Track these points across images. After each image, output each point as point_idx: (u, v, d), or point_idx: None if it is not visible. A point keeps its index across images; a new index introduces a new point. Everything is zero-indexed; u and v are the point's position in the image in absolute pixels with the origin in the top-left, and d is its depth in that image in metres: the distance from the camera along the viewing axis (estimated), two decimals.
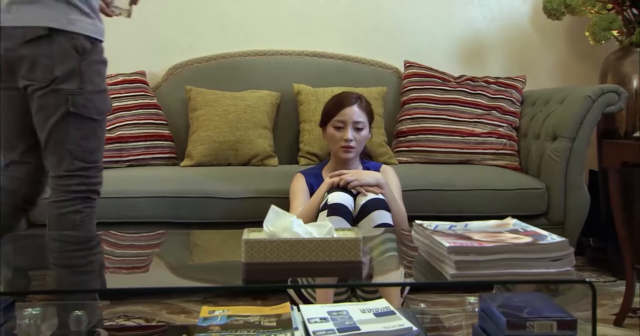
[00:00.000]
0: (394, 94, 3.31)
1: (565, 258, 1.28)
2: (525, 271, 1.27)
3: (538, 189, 2.72)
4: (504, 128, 3.09)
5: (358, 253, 1.29)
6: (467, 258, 1.26)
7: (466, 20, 3.58)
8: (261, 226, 2.46)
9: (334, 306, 1.76)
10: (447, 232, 1.41)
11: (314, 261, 1.28)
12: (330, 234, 1.35)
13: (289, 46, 3.42)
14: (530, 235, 1.35)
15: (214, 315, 1.69)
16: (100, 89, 1.94)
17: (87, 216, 2.00)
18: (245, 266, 1.28)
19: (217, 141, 2.98)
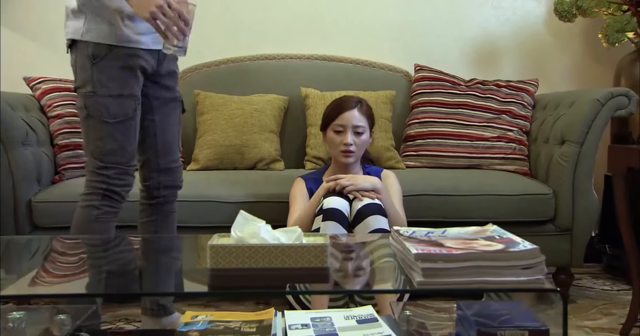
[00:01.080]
0: (403, 98, 3.29)
1: (536, 266, 1.25)
2: (494, 280, 1.24)
3: (545, 195, 2.67)
4: (514, 132, 3.04)
5: (325, 260, 1.27)
6: (435, 266, 1.24)
7: (479, 22, 3.53)
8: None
9: (319, 313, 1.75)
10: (421, 239, 1.39)
11: (280, 268, 1.27)
12: (299, 240, 1.33)
13: (299, 50, 3.41)
14: (504, 242, 1.32)
15: (196, 320, 1.69)
16: (114, 94, 1.97)
17: (104, 214, 2.04)
18: (210, 272, 1.27)
19: (223, 145, 2.99)
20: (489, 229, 1.46)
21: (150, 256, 1.82)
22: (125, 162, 2.02)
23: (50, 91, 2.96)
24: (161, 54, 2.07)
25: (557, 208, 2.68)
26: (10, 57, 3.42)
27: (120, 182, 2.02)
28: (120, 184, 2.02)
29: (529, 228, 2.68)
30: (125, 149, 2.01)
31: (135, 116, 2.02)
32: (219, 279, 1.28)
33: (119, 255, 1.82)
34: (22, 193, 2.59)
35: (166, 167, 2.17)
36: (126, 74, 1.97)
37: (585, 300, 2.82)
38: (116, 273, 1.56)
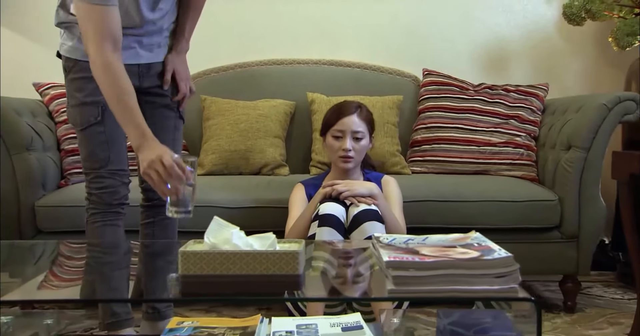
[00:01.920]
0: (411, 103, 3.26)
1: (509, 275, 1.22)
2: (466, 288, 1.21)
3: (550, 201, 2.62)
4: (521, 137, 2.99)
5: (296, 266, 1.26)
6: (406, 274, 1.22)
7: (489, 26, 3.50)
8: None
9: (306, 320, 1.74)
10: (398, 246, 1.37)
11: (251, 274, 1.26)
12: (272, 246, 1.32)
13: (308, 55, 3.41)
14: (481, 250, 1.29)
15: (181, 326, 1.69)
16: (79, 103, 2.03)
17: (90, 216, 2.09)
18: (182, 278, 1.27)
19: (228, 150, 2.99)
20: (470, 236, 1.44)
21: (124, 261, 1.84)
22: (98, 167, 2.05)
23: (58, 96, 2.99)
24: (142, 67, 2.10)
25: (563, 215, 2.63)
26: (22, 63, 3.47)
27: (95, 185, 2.06)
28: (96, 188, 2.05)
29: (534, 235, 2.64)
30: (96, 154, 2.04)
31: (101, 121, 2.02)
32: (189, 285, 1.27)
33: (96, 259, 1.84)
34: (26, 198, 2.62)
35: None
36: (93, 84, 1.94)
37: (594, 309, 2.76)
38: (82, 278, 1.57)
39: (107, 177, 2.04)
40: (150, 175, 1.76)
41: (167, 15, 2.08)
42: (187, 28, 2.21)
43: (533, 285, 3.14)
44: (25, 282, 1.59)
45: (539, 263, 2.65)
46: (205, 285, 1.26)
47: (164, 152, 1.77)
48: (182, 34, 2.20)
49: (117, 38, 1.88)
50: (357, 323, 1.69)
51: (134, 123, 1.85)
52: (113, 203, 2.05)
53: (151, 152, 1.78)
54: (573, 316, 2.67)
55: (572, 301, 2.71)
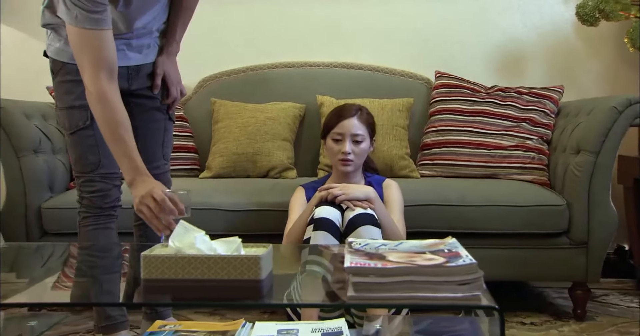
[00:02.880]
0: (423, 106, 3.22)
1: (473, 282, 1.19)
2: (428, 295, 1.19)
3: (558, 206, 2.56)
4: (533, 141, 2.93)
5: (258, 272, 1.24)
6: (366, 280, 1.20)
7: (504, 28, 3.43)
8: (262, 239, 2.45)
9: (288, 325, 1.73)
10: (367, 251, 1.34)
11: (211, 279, 1.25)
12: (237, 251, 1.31)
13: (320, 58, 3.40)
14: (448, 256, 1.26)
15: (162, 330, 1.69)
16: (67, 106, 2.02)
17: (82, 219, 2.11)
18: (144, 282, 1.26)
19: (236, 153, 2.99)
20: (444, 242, 1.40)
21: (117, 264, 1.84)
22: (89, 170, 2.05)
23: None
24: (131, 69, 2.09)
25: (572, 220, 2.56)
26: (39, 68, 3.51)
27: (86, 189, 2.06)
28: (87, 191, 2.06)
29: (541, 241, 2.58)
30: (86, 158, 2.04)
31: (91, 125, 2.01)
32: (151, 289, 1.26)
33: (89, 263, 1.85)
34: (33, 200, 2.66)
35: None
36: (81, 87, 1.94)
37: (605, 317, 2.68)
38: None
39: (98, 181, 2.05)
40: (142, 210, 1.77)
41: (157, 17, 2.07)
42: (178, 30, 2.18)
43: (545, 292, 3.07)
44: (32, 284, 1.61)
45: (547, 269, 2.59)
46: (166, 289, 1.26)
47: (155, 186, 1.79)
48: (173, 35, 2.18)
49: (112, 66, 1.87)
50: (338, 328, 1.67)
51: (127, 157, 1.85)
52: (105, 207, 2.06)
53: (143, 187, 1.79)
54: (582, 324, 2.60)
55: (581, 309, 2.64)
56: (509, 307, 2.78)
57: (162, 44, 2.18)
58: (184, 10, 2.17)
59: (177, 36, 2.19)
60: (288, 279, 1.56)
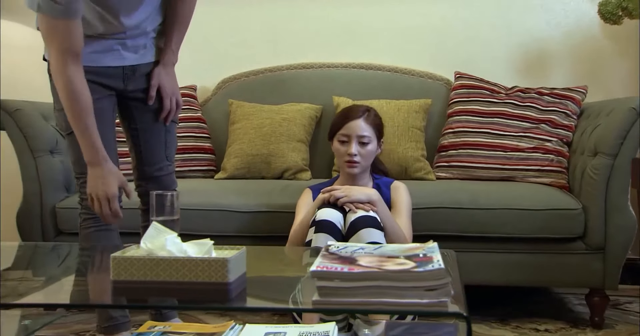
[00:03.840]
0: (442, 107, 3.17)
1: (441, 288, 1.15)
2: (394, 301, 1.16)
3: (573, 210, 2.49)
4: (552, 143, 2.86)
5: (225, 274, 1.23)
6: (331, 284, 1.18)
7: (527, 27, 3.36)
8: (270, 240, 2.44)
9: (277, 328, 1.73)
10: (342, 255, 1.32)
11: (179, 281, 1.24)
12: (208, 253, 1.30)
13: (339, 59, 3.38)
14: (419, 261, 1.23)
15: (150, 331, 1.69)
16: (62, 107, 2.02)
17: (83, 221, 2.14)
18: (113, 283, 1.27)
19: (250, 154, 2.99)
20: (424, 246, 1.37)
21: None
22: (79, 171, 2.07)
23: None
24: (127, 69, 2.10)
25: (588, 224, 2.49)
26: None
27: (82, 190, 2.07)
28: (83, 192, 2.07)
29: (556, 246, 2.51)
30: (80, 160, 2.04)
31: None
32: (119, 291, 1.26)
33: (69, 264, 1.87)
34: (48, 199, 2.70)
35: (152, 175, 2.19)
36: None
37: (624, 326, 2.60)
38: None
39: None
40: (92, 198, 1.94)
41: (150, 17, 2.07)
42: (174, 40, 2.17)
43: (566, 298, 2.99)
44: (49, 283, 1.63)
45: (562, 275, 2.52)
46: (134, 291, 1.26)
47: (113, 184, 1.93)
48: (168, 45, 2.16)
49: (78, 51, 1.92)
50: (325, 333, 1.65)
51: (89, 142, 1.94)
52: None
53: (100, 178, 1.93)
54: (599, 332, 2.52)
55: (599, 316, 2.56)
56: (524, 313, 2.72)
57: (158, 53, 2.17)
58: (178, 20, 2.16)
59: (173, 46, 2.18)
60: (272, 281, 1.55)
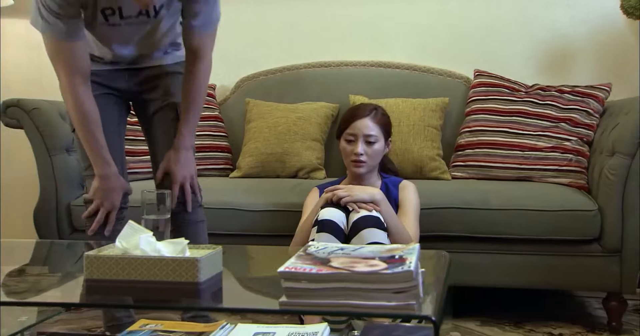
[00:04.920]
0: (461, 105, 3.12)
1: (409, 291, 1.13)
2: (361, 303, 1.13)
3: (588, 211, 2.41)
4: (572, 142, 2.78)
5: (195, 274, 1.23)
6: (298, 285, 1.16)
7: (549, 23, 3.27)
8: (278, 239, 2.43)
9: (267, 328, 1.71)
10: (317, 255, 1.30)
11: (150, 281, 1.24)
12: (182, 252, 1.30)
13: (357, 57, 3.35)
14: (392, 262, 1.20)
15: (141, 329, 1.70)
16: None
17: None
18: (86, 282, 1.27)
19: (265, 153, 2.99)
20: (405, 248, 1.34)
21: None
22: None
23: None
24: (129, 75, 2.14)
25: (604, 226, 2.41)
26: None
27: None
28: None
29: (571, 248, 2.44)
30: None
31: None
32: (92, 290, 1.27)
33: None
34: (64, 197, 2.74)
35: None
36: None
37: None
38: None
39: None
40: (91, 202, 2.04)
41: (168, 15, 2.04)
42: (186, 122, 2.14)
43: (587, 301, 2.91)
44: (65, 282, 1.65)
45: (577, 277, 2.46)
46: (107, 290, 1.26)
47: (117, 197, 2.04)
48: (183, 126, 2.13)
49: (85, 71, 1.97)
50: (314, 334, 1.63)
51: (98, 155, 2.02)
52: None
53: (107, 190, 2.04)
54: None
55: (616, 321, 2.48)
56: (540, 316, 2.66)
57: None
58: (188, 100, 2.14)
59: (184, 129, 2.13)
60: (264, 280, 1.54)
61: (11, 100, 2.78)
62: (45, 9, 1.84)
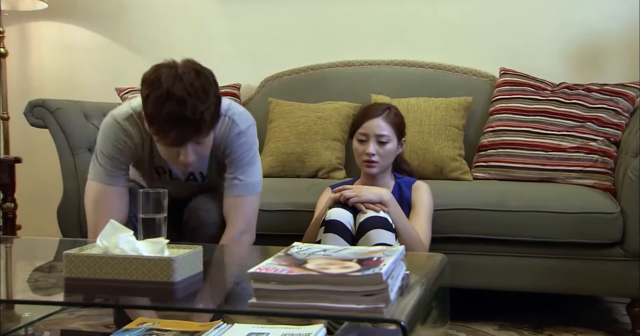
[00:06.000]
0: (486, 105, 3.05)
1: (378, 294, 1.10)
2: (330, 306, 1.12)
3: (609, 214, 2.33)
4: (597, 142, 2.69)
5: (170, 274, 1.23)
6: (268, 287, 1.15)
7: (579, 19, 3.18)
8: (291, 239, 2.42)
9: (263, 328, 1.70)
10: (296, 256, 1.29)
11: (127, 280, 1.25)
12: (160, 252, 1.30)
13: (381, 56, 3.32)
14: (367, 265, 1.18)
15: (137, 327, 1.71)
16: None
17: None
18: (65, 280, 1.28)
19: (285, 153, 2.98)
20: (385, 250, 1.31)
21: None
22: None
23: None
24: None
25: (626, 230, 2.33)
26: (118, 70, 3.70)
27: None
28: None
29: (591, 251, 2.36)
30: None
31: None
32: (71, 288, 1.28)
33: None
34: None
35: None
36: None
37: None
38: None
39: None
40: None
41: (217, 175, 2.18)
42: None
43: (616, 307, 2.81)
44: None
45: (598, 282, 2.38)
46: (84, 289, 1.27)
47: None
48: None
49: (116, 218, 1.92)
50: (308, 334, 1.62)
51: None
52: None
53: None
54: None
55: None
56: (562, 321, 2.58)
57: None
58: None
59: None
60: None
61: (37, 100, 2.84)
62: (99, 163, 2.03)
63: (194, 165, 1.98)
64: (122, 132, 2.00)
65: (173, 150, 1.89)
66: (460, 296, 2.67)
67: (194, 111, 1.78)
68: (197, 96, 1.79)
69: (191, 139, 1.85)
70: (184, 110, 1.77)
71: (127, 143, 2.01)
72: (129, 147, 2.01)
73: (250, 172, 2.10)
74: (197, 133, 1.83)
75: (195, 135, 1.84)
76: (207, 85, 1.84)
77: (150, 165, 2.11)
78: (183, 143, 1.85)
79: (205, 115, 1.81)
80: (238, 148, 2.07)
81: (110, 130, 2.00)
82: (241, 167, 2.08)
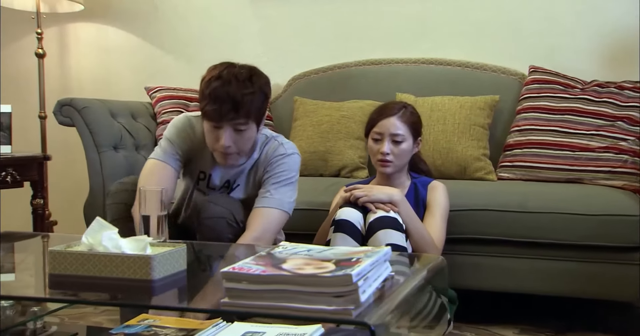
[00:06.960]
0: (515, 103, 2.98)
1: (348, 295, 1.09)
2: (300, 306, 1.11)
3: (630, 216, 2.24)
4: (628, 142, 2.60)
5: (148, 272, 1.23)
6: (239, 286, 1.14)
7: (615, 15, 3.07)
8: (310, 238, 2.42)
9: (259, 327, 1.69)
10: (276, 256, 1.28)
11: (107, 277, 1.26)
12: (143, 250, 1.31)
13: (409, 54, 3.28)
14: (341, 266, 1.16)
15: (136, 324, 1.73)
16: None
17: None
18: (49, 277, 1.30)
19: (308, 151, 2.97)
20: (367, 251, 1.29)
21: None
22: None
23: (162, 99, 3.20)
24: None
25: None
26: (149, 69, 3.75)
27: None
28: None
29: (612, 255, 2.27)
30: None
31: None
32: (54, 284, 1.30)
33: None
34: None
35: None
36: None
37: None
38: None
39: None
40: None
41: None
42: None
43: None
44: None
45: (618, 287, 2.29)
46: (66, 285, 1.28)
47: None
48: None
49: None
50: (304, 334, 1.60)
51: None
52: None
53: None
54: None
55: None
56: (588, 326, 2.50)
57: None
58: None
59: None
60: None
61: (65, 99, 2.90)
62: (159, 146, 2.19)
63: (233, 159, 2.10)
64: (188, 125, 2.18)
65: (214, 134, 2.03)
66: (480, 299, 2.62)
67: (235, 92, 1.97)
68: (242, 81, 2.00)
69: (228, 117, 1.99)
70: (227, 88, 1.97)
71: (190, 135, 2.17)
72: (190, 138, 2.17)
73: (283, 190, 2.15)
74: (234, 112, 1.98)
75: (233, 114, 1.98)
76: (256, 78, 2.05)
77: (196, 166, 2.22)
78: (220, 120, 2.00)
79: (246, 99, 1.99)
80: (277, 167, 2.17)
81: (180, 121, 2.20)
82: (275, 183, 2.14)
